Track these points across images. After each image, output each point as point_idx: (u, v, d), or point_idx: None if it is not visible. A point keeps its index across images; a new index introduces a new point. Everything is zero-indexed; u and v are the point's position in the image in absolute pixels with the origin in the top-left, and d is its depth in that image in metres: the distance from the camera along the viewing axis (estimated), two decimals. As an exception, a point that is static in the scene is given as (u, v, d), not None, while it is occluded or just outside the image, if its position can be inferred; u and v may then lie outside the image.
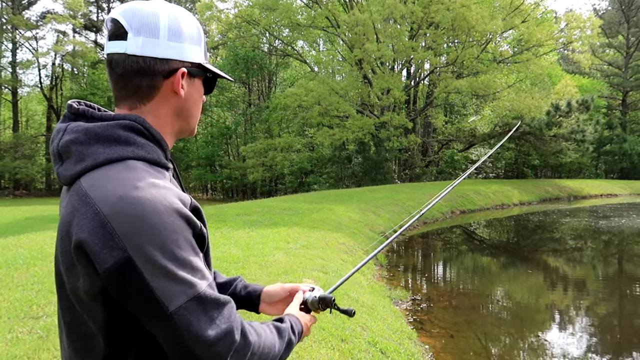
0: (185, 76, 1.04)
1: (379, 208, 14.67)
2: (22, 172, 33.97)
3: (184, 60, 1.04)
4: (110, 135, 0.96)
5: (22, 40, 37.20)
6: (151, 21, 0.99)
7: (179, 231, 0.91)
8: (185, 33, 1.04)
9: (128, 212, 0.87)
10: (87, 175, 0.94)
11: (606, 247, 12.98)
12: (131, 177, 0.92)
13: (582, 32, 26.66)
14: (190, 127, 1.12)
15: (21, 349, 3.51)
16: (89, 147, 0.95)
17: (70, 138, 0.97)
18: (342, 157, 30.89)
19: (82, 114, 1.00)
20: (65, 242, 0.93)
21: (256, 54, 34.60)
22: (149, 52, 0.99)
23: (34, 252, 6.65)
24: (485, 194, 21.83)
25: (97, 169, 0.94)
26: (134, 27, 0.98)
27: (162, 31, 1.00)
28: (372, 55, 24.21)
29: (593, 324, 6.50)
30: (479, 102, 32.48)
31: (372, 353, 4.16)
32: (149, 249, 0.87)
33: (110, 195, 0.89)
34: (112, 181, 0.91)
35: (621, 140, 36.52)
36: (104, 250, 0.87)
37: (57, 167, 0.99)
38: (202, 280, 0.93)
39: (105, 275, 0.87)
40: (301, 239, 8.46)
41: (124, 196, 0.89)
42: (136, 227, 0.87)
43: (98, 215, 0.88)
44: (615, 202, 25.46)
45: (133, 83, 1.01)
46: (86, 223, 0.89)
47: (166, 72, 1.02)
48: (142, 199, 0.89)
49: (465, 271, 10.06)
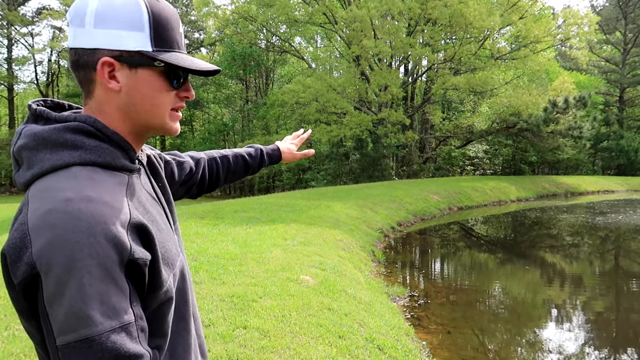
0: (116, 67, 0.91)
1: (377, 205, 14.67)
2: (19, 169, 33.87)
3: (112, 49, 0.90)
4: (57, 139, 0.88)
5: (18, 36, 37.04)
6: (79, 9, 0.91)
7: (95, 257, 0.78)
8: (116, 17, 0.90)
9: (48, 228, 0.78)
10: (34, 183, 0.87)
11: (603, 244, 13.02)
12: (67, 187, 0.83)
13: (579, 28, 26.67)
14: (153, 125, 0.97)
15: (18, 347, 3.50)
16: (37, 153, 0.88)
17: (21, 143, 0.90)
18: (340, 153, 30.88)
19: (40, 116, 0.93)
20: None
21: (253, 51, 34.51)
22: (78, 42, 0.91)
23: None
24: (483, 190, 21.86)
25: (43, 177, 0.87)
26: (70, 18, 0.92)
27: (88, 18, 0.90)
28: (370, 52, 24.17)
29: (590, 320, 6.52)
30: (476, 98, 32.49)
31: (369, 349, 4.16)
32: (57, 271, 0.76)
33: (40, 207, 0.81)
34: (49, 192, 0.83)
35: (618, 136, 36.61)
36: (17, 264, 0.79)
37: (15, 172, 0.93)
38: (109, 319, 0.77)
39: (19, 290, 0.80)
40: (299, 236, 8.46)
41: (52, 209, 0.80)
42: (50, 244, 0.77)
43: (22, 227, 0.81)
44: (612, 198, 25.53)
45: (77, 76, 0.94)
46: (11, 233, 0.82)
47: (95, 63, 0.91)
48: (67, 215, 0.79)
49: (463, 267, 10.07)
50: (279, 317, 4.29)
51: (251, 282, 5.27)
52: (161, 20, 0.94)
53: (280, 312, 4.42)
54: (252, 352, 3.56)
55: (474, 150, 35.07)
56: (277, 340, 3.81)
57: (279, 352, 3.63)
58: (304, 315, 4.45)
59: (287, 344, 3.77)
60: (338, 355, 3.79)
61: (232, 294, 4.69)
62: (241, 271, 5.72)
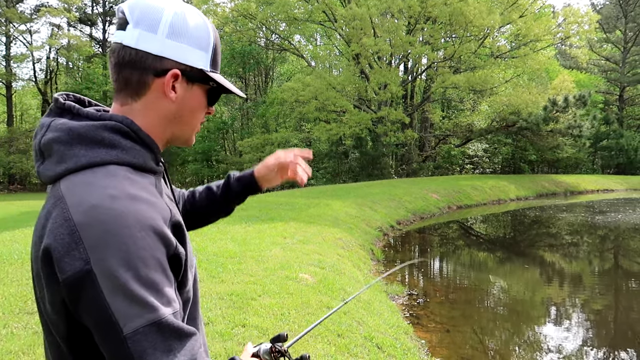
0: (179, 79, 0.97)
1: (376, 203, 14.67)
2: (17, 166, 33.83)
3: (180, 62, 0.96)
4: (94, 136, 0.90)
5: (16, 33, 36.95)
6: (152, 15, 0.94)
7: (149, 249, 0.83)
8: (189, 34, 0.96)
9: (98, 223, 0.82)
10: (66, 178, 0.89)
11: (602, 243, 13.02)
12: (109, 185, 0.86)
13: (579, 27, 26.65)
14: (183, 136, 1.05)
15: (16, 345, 3.48)
16: (71, 148, 0.90)
17: (52, 136, 0.91)
18: (339, 152, 30.86)
19: (68, 110, 0.95)
20: (37, 246, 0.87)
21: (253, 49, 34.47)
22: (143, 45, 0.94)
23: (28, 247, 6.57)
24: (482, 189, 21.87)
25: (78, 172, 0.88)
26: (134, 19, 0.94)
27: (162, 27, 0.94)
28: (370, 50, 24.14)
29: (589, 318, 6.52)
30: (476, 97, 32.47)
31: (368, 348, 4.16)
32: (113, 264, 0.80)
33: (84, 202, 0.84)
34: (89, 188, 0.86)
35: (618, 135, 36.60)
36: (65, 259, 0.81)
37: (37, 164, 0.94)
38: (166, 306, 0.83)
39: (64, 285, 0.81)
40: (298, 234, 8.45)
41: (97, 205, 0.83)
42: (104, 239, 0.81)
43: (68, 222, 0.83)
44: (612, 197, 25.54)
45: (123, 75, 0.95)
46: (55, 228, 0.83)
47: (158, 70, 0.95)
48: (115, 211, 0.83)
49: (462, 266, 10.07)
50: (278, 315, 4.28)
51: (250, 280, 5.26)
52: (217, 46, 1.03)
53: (279, 310, 4.42)
54: (250, 350, 3.56)
55: (473, 149, 35.07)
56: (276, 338, 3.80)
57: (278, 350, 3.62)
58: (302, 313, 4.44)
59: (286, 342, 3.77)
60: (337, 354, 3.78)
61: (231, 292, 4.68)
62: (240, 269, 5.71)
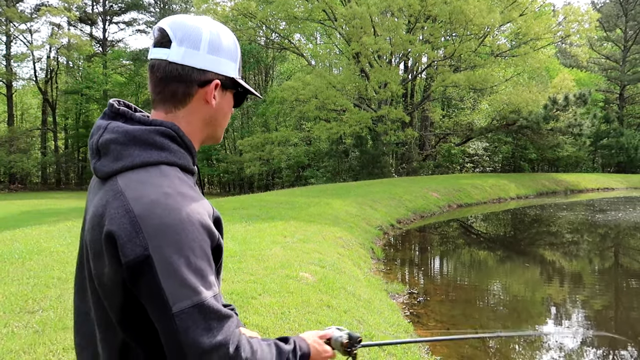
0: (218, 87, 1.13)
1: (376, 202, 14.67)
2: (18, 166, 33.84)
3: (219, 73, 1.12)
4: (147, 139, 1.05)
5: (17, 33, 36.91)
6: (194, 34, 1.08)
7: (197, 240, 0.98)
8: (224, 49, 1.13)
9: (156, 216, 0.96)
10: (123, 174, 1.03)
11: (603, 241, 13.03)
12: (164, 183, 1.01)
13: (580, 25, 26.61)
14: (216, 135, 1.21)
15: (17, 344, 3.49)
16: (126, 148, 1.04)
17: (110, 137, 1.06)
18: (339, 151, 30.84)
19: (122, 115, 1.10)
20: (95, 231, 1.02)
21: (253, 47, 34.44)
22: (188, 61, 1.08)
23: (29, 246, 6.62)
24: (482, 187, 21.86)
25: (133, 170, 1.03)
26: (178, 38, 1.08)
27: (203, 44, 1.09)
28: (370, 49, 24.12)
29: (589, 317, 6.52)
30: (476, 95, 32.44)
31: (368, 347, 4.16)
32: (168, 251, 0.94)
33: (143, 197, 0.98)
34: (146, 185, 1.00)
35: (618, 134, 36.58)
36: (128, 245, 0.95)
37: (94, 161, 1.08)
38: (208, 290, 0.97)
39: (126, 267, 0.95)
40: (298, 233, 8.45)
41: (155, 201, 0.97)
42: (160, 230, 0.95)
43: (129, 213, 0.97)
44: (612, 195, 25.54)
45: (170, 88, 1.09)
46: (117, 217, 0.97)
47: (202, 81, 1.10)
48: (170, 206, 0.97)
49: (462, 265, 10.08)
50: (278, 314, 4.29)
51: (250, 279, 5.27)
52: (241, 56, 1.20)
53: (280, 309, 4.42)
54: (251, 349, 3.56)
55: (473, 147, 35.05)
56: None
57: (278, 349, 3.63)
58: (303, 312, 4.45)
59: (286, 341, 3.77)
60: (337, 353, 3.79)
61: (231, 291, 4.69)
62: (240, 268, 5.71)
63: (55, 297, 4.47)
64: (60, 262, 5.68)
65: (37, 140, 40.79)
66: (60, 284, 4.86)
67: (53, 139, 41.04)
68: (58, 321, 3.90)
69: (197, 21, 1.11)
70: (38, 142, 40.77)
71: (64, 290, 4.66)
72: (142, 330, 1.01)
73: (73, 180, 42.40)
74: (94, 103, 40.17)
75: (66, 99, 39.84)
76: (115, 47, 43.85)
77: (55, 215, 15.82)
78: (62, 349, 3.41)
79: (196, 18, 1.12)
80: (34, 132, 40.45)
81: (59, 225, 8.91)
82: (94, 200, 1.07)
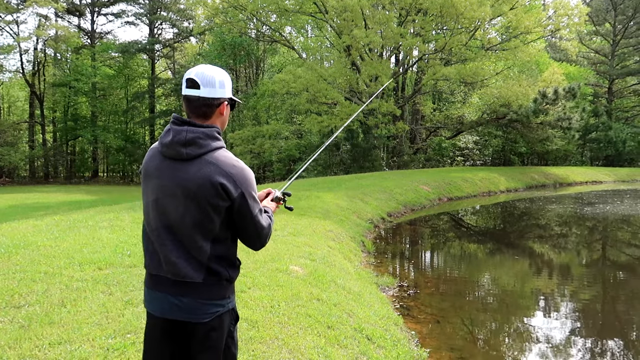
0: (225, 105, 2.03)
1: (367, 195, 14.68)
2: (5, 159, 33.44)
3: (225, 98, 2.01)
4: (213, 135, 1.95)
5: (3, 24, 36.33)
6: (211, 80, 1.95)
7: (254, 182, 2.00)
8: (226, 84, 2.01)
9: (240, 172, 1.93)
10: (208, 154, 1.92)
11: (590, 234, 13.15)
12: (232, 156, 1.97)
13: (569, 19, 26.72)
14: (223, 128, 2.09)
15: (2, 339, 3.44)
16: (206, 140, 1.92)
17: (194, 135, 1.91)
18: (330, 144, 30.80)
19: (188, 123, 1.94)
20: (207, 183, 1.87)
21: (243, 40, 34.21)
22: (210, 95, 1.96)
23: (16, 240, 6.53)
24: (472, 181, 21.97)
25: (212, 152, 1.93)
26: (203, 83, 1.94)
27: (216, 84, 1.97)
28: (361, 42, 24.05)
29: (577, 309, 6.58)
30: (467, 89, 32.52)
31: (358, 339, 4.16)
32: (249, 190, 1.95)
33: (229, 163, 1.93)
34: (226, 157, 1.94)
35: (607, 127, 36.91)
36: (232, 188, 1.89)
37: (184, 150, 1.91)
38: (260, 204, 2.04)
39: (234, 199, 1.90)
40: (288, 226, 8.43)
41: (235, 165, 1.94)
42: (244, 179, 1.94)
43: (228, 173, 1.90)
44: (600, 189, 25.79)
45: (203, 109, 1.97)
46: (222, 175, 1.89)
47: (218, 104, 1.99)
48: (242, 165, 1.96)
49: (452, 258, 10.12)
50: (268, 308, 4.27)
51: (240, 272, 5.23)
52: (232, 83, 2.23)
53: (269, 302, 4.40)
54: (240, 342, 3.54)
55: (464, 141, 35.18)
56: (266, 330, 3.79)
57: (267, 342, 3.61)
58: (292, 305, 4.43)
59: (276, 334, 3.76)
60: (327, 345, 3.78)
61: (220, 285, 4.65)
62: (230, 262, 5.68)
63: (42, 291, 4.42)
64: (47, 257, 5.61)
65: (25, 134, 40.30)
66: (47, 278, 4.80)
67: (41, 132, 40.54)
68: (44, 316, 3.85)
69: (211, 71, 1.96)
70: (26, 135, 40.28)
71: (50, 284, 4.61)
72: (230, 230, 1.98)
73: (62, 174, 41.97)
74: (82, 96, 39.70)
75: (54, 92, 39.31)
76: (104, 39, 43.32)
77: (43, 210, 15.65)
78: (48, 344, 3.36)
79: (210, 68, 1.96)
80: (22, 125, 39.95)
81: (46, 220, 8.80)
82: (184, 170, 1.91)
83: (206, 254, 1.90)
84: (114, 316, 3.87)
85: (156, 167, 1.95)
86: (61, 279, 4.79)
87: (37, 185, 33.38)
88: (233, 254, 2.01)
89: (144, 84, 43.26)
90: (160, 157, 1.96)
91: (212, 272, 1.92)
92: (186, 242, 1.89)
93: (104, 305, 4.11)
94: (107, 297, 4.32)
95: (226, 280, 1.97)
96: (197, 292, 1.90)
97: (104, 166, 45.38)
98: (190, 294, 1.90)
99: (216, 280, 1.93)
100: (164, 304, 1.93)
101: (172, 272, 1.90)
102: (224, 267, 1.95)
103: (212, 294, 1.93)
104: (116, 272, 5.05)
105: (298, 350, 3.57)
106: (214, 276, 1.92)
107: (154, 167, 1.96)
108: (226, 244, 1.96)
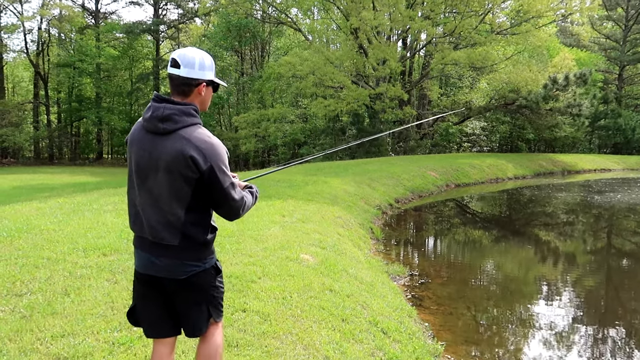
0: (203, 86, 2.17)
1: (374, 181, 14.47)
2: (10, 140, 33.28)
3: (204, 79, 2.17)
4: (189, 112, 2.11)
5: (6, 3, 35.87)
6: (191, 60, 2.12)
7: (226, 157, 2.15)
8: (206, 66, 2.17)
9: (210, 147, 2.08)
10: (182, 129, 2.08)
11: (599, 222, 12.93)
12: (205, 132, 2.12)
13: (581, 3, 26.14)
14: (204, 108, 2.26)
15: (2, 330, 3.28)
16: (181, 117, 2.09)
17: (170, 112, 2.08)
18: (336, 128, 30.51)
19: (167, 100, 2.10)
20: (179, 156, 2.04)
21: (249, 22, 33.66)
22: (189, 75, 2.12)
23: (18, 223, 6.37)
24: (480, 167, 21.70)
25: (187, 127, 2.09)
26: (183, 63, 2.11)
27: (196, 65, 2.13)
28: (368, 24, 23.55)
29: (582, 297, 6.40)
30: (475, 74, 31.99)
31: (373, 333, 3.99)
32: (219, 164, 2.08)
33: (200, 138, 2.08)
34: (199, 133, 2.09)
35: (616, 115, 36.33)
36: (201, 162, 2.04)
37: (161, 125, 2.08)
38: (232, 178, 2.17)
39: (203, 172, 2.05)
40: (297, 212, 8.25)
41: (207, 140, 2.09)
42: (214, 154, 2.08)
43: (198, 147, 2.05)
44: (609, 177, 25.48)
45: (182, 88, 2.14)
46: (193, 149, 2.04)
47: (196, 84, 2.15)
48: (214, 141, 2.11)
49: (462, 246, 9.94)
50: (280, 300, 4.10)
51: (249, 261, 5.07)
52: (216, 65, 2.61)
53: (281, 293, 4.23)
54: (252, 337, 3.37)
55: (471, 126, 34.77)
56: (278, 324, 3.61)
57: (281, 337, 3.44)
58: (305, 297, 4.26)
59: (289, 328, 3.58)
60: (342, 340, 3.61)
61: (229, 274, 4.49)
62: (239, 249, 5.51)
63: (45, 278, 4.26)
64: (50, 241, 5.45)
65: (30, 114, 40.06)
66: (50, 264, 4.64)
67: (45, 112, 40.31)
68: (47, 305, 3.68)
69: (192, 52, 2.13)
70: (30, 115, 40.04)
71: (53, 271, 4.45)
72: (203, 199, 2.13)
73: (66, 155, 41.84)
74: (86, 77, 39.33)
75: (58, 72, 38.92)
76: (108, 19, 42.74)
77: (48, 191, 15.51)
78: (50, 337, 3.20)
79: (191, 50, 2.13)
80: (26, 106, 39.70)
81: (50, 202, 8.64)
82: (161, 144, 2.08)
83: (180, 220, 2.10)
84: (119, 307, 3.70)
85: (139, 140, 2.13)
86: (65, 265, 4.63)
87: (42, 166, 33.28)
88: (207, 220, 2.18)
89: (149, 65, 42.75)
90: (143, 130, 2.14)
91: (187, 236, 2.11)
92: (164, 208, 2.09)
93: (109, 294, 3.95)
94: (112, 286, 4.15)
95: (201, 244, 2.16)
96: (173, 253, 2.12)
97: (108, 148, 45.18)
98: (168, 255, 2.12)
99: (191, 244, 2.13)
100: (146, 262, 2.16)
101: (152, 235, 2.12)
102: (198, 232, 2.14)
103: (188, 256, 2.13)
104: (121, 259, 4.88)
105: (313, 346, 3.39)
106: (188, 240, 2.12)
107: (138, 139, 2.14)
108: (199, 212, 2.14)
